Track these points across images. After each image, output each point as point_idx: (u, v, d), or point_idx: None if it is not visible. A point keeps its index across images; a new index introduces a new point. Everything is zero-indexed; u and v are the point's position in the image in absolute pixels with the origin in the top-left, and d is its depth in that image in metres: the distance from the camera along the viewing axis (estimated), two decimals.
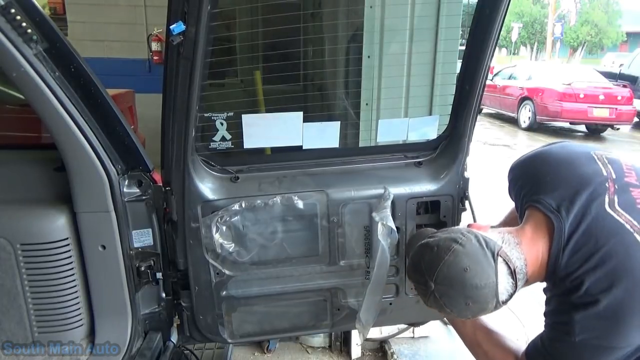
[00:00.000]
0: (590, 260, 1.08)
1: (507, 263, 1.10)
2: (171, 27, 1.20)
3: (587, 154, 1.22)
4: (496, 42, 1.42)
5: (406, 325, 2.43)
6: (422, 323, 2.05)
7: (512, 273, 1.10)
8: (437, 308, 1.14)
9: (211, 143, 1.55)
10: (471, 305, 1.09)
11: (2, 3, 1.11)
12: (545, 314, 1.21)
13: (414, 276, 1.19)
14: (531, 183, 1.24)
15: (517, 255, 1.12)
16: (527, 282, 1.17)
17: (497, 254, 1.09)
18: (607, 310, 1.05)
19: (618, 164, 1.19)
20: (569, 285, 1.11)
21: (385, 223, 1.49)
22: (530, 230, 1.17)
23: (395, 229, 1.53)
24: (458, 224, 1.66)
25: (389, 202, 1.53)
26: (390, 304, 1.71)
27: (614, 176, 1.15)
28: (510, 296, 1.11)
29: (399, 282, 1.69)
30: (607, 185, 1.13)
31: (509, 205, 1.66)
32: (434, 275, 1.10)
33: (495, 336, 1.34)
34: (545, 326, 1.20)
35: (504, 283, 1.09)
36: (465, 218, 1.68)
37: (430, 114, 2.45)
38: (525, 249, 1.14)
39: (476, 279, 1.07)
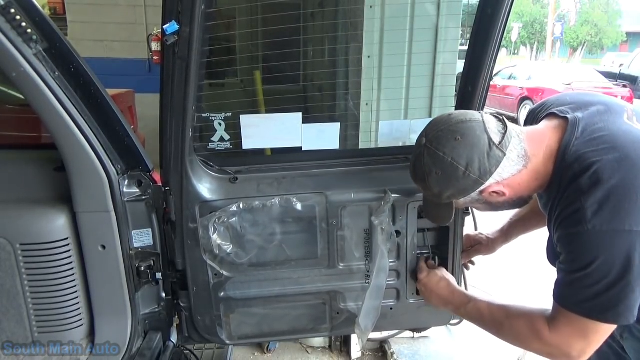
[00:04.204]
0: (603, 146, 1.06)
1: (493, 115, 1.17)
2: (164, 27, 1.20)
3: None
4: (499, 43, 1.39)
5: None
6: (424, 329, 2.01)
7: (501, 121, 1.14)
8: (432, 164, 1.14)
9: (210, 143, 1.55)
10: (461, 140, 1.11)
11: (2, 3, 1.11)
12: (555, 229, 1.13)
13: (414, 153, 1.23)
14: (549, 105, 1.27)
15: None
16: (536, 177, 1.15)
17: (482, 114, 1.16)
18: (618, 189, 1.01)
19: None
20: (578, 168, 1.07)
21: (384, 228, 1.48)
22: (538, 127, 1.19)
23: (394, 234, 1.52)
24: (462, 229, 1.63)
25: (389, 206, 1.51)
26: (391, 308, 1.69)
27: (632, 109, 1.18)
28: (503, 137, 1.10)
29: (399, 287, 1.67)
30: (625, 108, 1.16)
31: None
32: (424, 133, 1.19)
33: (513, 308, 1.26)
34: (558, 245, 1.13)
35: (492, 122, 1.13)
36: (469, 223, 1.67)
37: (431, 114, 2.46)
38: (528, 138, 1.14)
39: (461, 116, 1.15)
